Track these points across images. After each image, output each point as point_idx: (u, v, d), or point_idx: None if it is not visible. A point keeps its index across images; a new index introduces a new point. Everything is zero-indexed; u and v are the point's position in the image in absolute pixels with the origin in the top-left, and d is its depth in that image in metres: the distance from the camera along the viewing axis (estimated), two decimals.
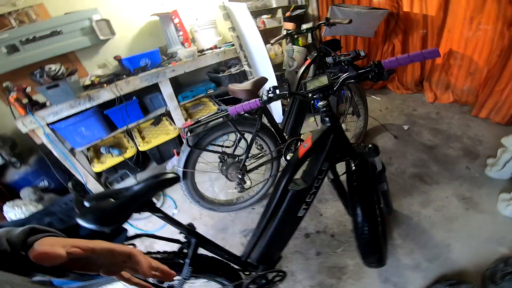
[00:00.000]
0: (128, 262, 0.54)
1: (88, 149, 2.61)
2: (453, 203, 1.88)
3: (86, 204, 0.76)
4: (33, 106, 2.07)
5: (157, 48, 2.60)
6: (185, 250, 0.98)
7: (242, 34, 2.71)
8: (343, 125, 2.31)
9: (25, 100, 2.08)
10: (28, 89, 2.08)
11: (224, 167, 1.89)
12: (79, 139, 2.33)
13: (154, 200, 2.12)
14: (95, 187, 2.50)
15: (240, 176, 1.80)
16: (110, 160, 2.50)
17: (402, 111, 3.07)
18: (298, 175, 1.13)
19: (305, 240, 1.82)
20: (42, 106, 2.16)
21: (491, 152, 2.14)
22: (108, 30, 2.44)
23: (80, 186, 2.53)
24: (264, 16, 3.24)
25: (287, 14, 3.36)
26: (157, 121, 2.87)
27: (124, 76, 2.38)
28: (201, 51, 2.83)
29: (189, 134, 1.59)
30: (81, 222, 0.69)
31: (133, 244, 0.74)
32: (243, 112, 1.27)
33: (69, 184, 2.55)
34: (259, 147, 2.12)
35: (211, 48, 2.87)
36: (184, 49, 2.68)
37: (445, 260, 1.55)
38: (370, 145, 1.17)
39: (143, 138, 2.71)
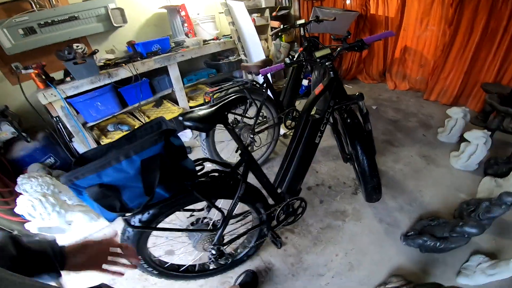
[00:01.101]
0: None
1: (91, 128, 2.56)
2: (417, 160, 2.28)
3: (180, 118, 1.00)
4: (52, 81, 2.12)
5: (167, 36, 2.72)
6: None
7: (240, 28, 2.91)
8: None
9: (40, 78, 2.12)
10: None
11: (237, 129, 2.14)
12: (94, 113, 2.35)
13: None
14: None
15: (252, 136, 2.10)
16: (119, 135, 2.55)
17: (370, 96, 3.49)
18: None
19: (308, 192, 2.08)
20: (60, 81, 2.20)
21: (441, 124, 2.58)
22: (121, 18, 2.49)
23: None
24: (254, 15, 3.45)
25: (274, 13, 3.63)
26: (158, 103, 2.95)
27: (138, 58, 2.47)
28: (204, 41, 3.00)
29: (213, 97, 1.87)
30: (187, 123, 0.94)
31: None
32: (271, 72, 1.59)
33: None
34: (262, 118, 2.42)
35: (213, 39, 3.03)
36: (190, 39, 2.82)
37: (420, 203, 1.89)
38: (357, 93, 1.55)
39: (148, 117, 2.76)
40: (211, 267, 1.50)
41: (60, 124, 2.33)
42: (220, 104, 1.02)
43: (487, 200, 1.61)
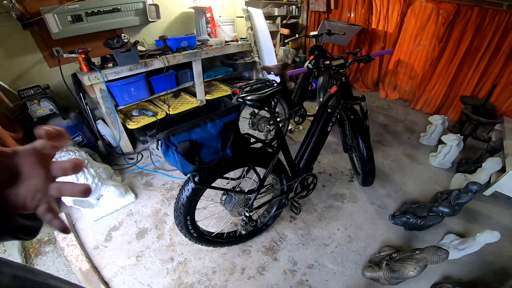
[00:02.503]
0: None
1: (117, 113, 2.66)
2: (402, 158, 2.65)
3: (240, 100, 1.26)
4: (95, 66, 2.27)
5: (194, 34, 2.91)
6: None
7: (257, 33, 3.17)
8: None
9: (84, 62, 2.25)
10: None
11: (256, 120, 2.43)
12: (127, 98, 2.53)
13: None
14: (125, 144, 2.69)
15: (268, 126, 2.37)
16: (144, 120, 2.67)
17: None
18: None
19: None
20: (100, 67, 2.34)
21: (423, 130, 2.96)
22: (155, 14, 2.67)
23: (109, 145, 2.66)
24: (267, 21, 3.74)
25: (284, 21, 3.93)
26: (176, 94, 3.12)
27: (169, 52, 2.66)
28: (225, 42, 3.19)
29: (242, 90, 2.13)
30: (248, 102, 1.19)
31: None
32: (296, 74, 1.88)
33: (99, 143, 2.66)
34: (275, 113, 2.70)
35: (233, 40, 3.28)
36: (213, 38, 3.05)
37: (404, 191, 2.24)
38: (360, 95, 1.86)
39: (168, 105, 2.93)
40: (237, 234, 1.76)
41: (88, 106, 2.49)
42: (269, 91, 1.30)
43: (457, 189, 1.95)
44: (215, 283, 1.59)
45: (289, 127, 2.90)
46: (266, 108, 1.35)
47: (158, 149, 1.07)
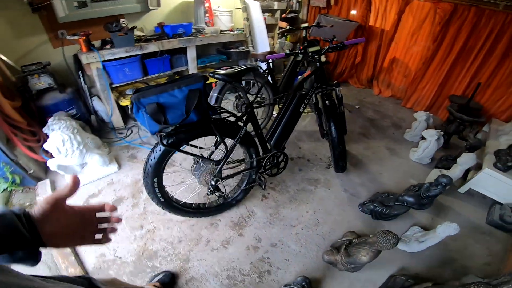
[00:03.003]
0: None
1: (112, 90, 2.70)
2: (383, 150, 2.68)
3: (211, 74, 1.35)
4: (94, 47, 2.43)
5: (191, 23, 3.02)
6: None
7: (252, 24, 3.25)
8: None
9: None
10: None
11: (239, 103, 2.50)
12: (121, 77, 2.66)
13: None
14: (117, 120, 2.82)
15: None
16: None
17: (356, 97, 3.87)
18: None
19: (291, 162, 2.44)
20: (99, 48, 2.49)
21: (410, 126, 2.95)
22: (156, 2, 2.80)
23: (102, 120, 2.81)
24: (266, 14, 3.76)
25: (284, 15, 3.95)
26: (171, 77, 3.21)
27: (165, 38, 2.79)
28: (220, 31, 3.28)
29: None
30: (217, 76, 1.28)
31: None
32: (274, 59, 1.96)
33: (92, 117, 2.78)
34: (260, 97, 2.75)
35: (228, 30, 3.36)
36: (209, 27, 3.16)
37: (379, 182, 2.28)
38: (335, 81, 1.90)
39: None
40: (206, 206, 1.84)
41: (86, 84, 2.63)
42: (239, 68, 1.39)
43: (429, 182, 1.96)
44: (178, 252, 1.67)
45: (275, 113, 2.95)
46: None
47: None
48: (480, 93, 2.98)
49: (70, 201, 0.55)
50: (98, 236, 0.61)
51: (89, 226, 0.59)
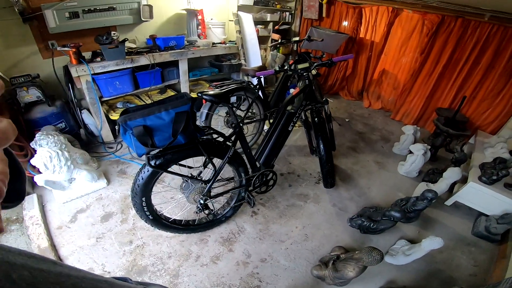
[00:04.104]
0: None
1: (102, 104, 2.73)
2: (371, 165, 2.74)
3: (199, 94, 1.38)
4: (84, 59, 2.42)
5: (183, 35, 3.05)
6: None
7: (245, 37, 3.33)
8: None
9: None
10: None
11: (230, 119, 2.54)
12: (111, 90, 2.67)
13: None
14: (106, 134, 2.82)
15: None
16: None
17: (346, 110, 3.96)
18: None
19: (280, 177, 2.47)
20: (89, 60, 2.50)
21: (398, 139, 3.03)
22: (148, 14, 2.81)
23: (91, 134, 2.78)
24: (259, 26, 3.88)
25: (276, 27, 4.06)
26: (163, 90, 3.25)
27: (156, 50, 2.82)
28: (212, 44, 3.35)
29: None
30: (205, 97, 1.32)
31: None
32: (264, 76, 2.01)
33: (81, 131, 2.76)
34: (251, 113, 2.81)
35: (220, 43, 3.42)
36: (202, 40, 3.21)
37: (368, 196, 2.34)
38: (324, 98, 1.95)
39: (152, 101, 3.08)
40: (196, 223, 1.86)
41: (75, 96, 2.63)
42: (227, 88, 1.42)
43: (415, 197, 2.02)
44: (168, 267, 1.69)
45: (266, 128, 2.99)
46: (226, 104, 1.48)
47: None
48: (466, 105, 3.10)
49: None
50: None
51: None
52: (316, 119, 2.00)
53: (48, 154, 1.95)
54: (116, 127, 2.69)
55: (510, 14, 2.68)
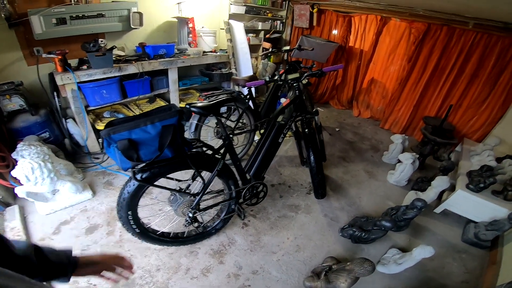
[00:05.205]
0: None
1: (88, 113, 2.68)
2: (362, 174, 2.78)
3: (188, 106, 1.36)
4: (70, 67, 2.37)
5: (173, 43, 3.05)
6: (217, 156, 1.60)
7: (235, 45, 3.35)
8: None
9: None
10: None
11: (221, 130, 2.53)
12: (98, 99, 2.62)
13: None
14: (92, 144, 2.75)
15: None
16: None
17: (336, 119, 4.02)
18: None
19: (271, 188, 2.48)
20: (75, 68, 2.45)
21: (387, 148, 3.10)
22: (138, 21, 2.79)
23: (76, 144, 2.71)
24: (250, 34, 3.93)
25: (267, 35, 4.12)
26: (152, 100, 3.21)
27: (146, 59, 2.79)
28: (203, 52, 3.34)
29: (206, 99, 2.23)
30: (193, 109, 1.31)
31: None
32: (254, 86, 2.01)
33: (66, 141, 2.69)
34: (242, 123, 2.80)
35: (211, 51, 3.43)
36: (192, 48, 3.20)
37: (358, 206, 2.36)
38: (314, 109, 1.97)
39: (141, 110, 3.00)
40: (185, 235, 1.82)
41: (60, 105, 2.57)
42: (216, 100, 1.41)
43: (405, 205, 2.05)
44: (157, 280, 1.65)
45: (256, 138, 3.00)
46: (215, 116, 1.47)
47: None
48: (452, 114, 3.18)
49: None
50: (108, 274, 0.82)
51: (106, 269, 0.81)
52: (306, 130, 2.01)
53: (29, 166, 1.89)
54: (100, 140, 2.69)
55: (493, 21, 2.79)
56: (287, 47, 2.85)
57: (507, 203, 2.05)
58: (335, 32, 4.09)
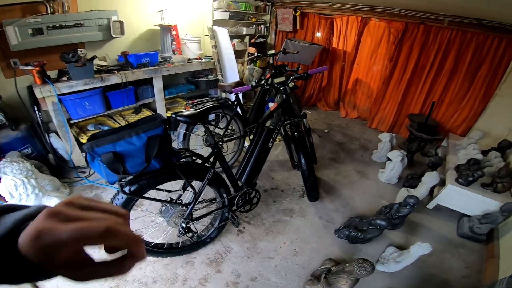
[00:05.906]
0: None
1: (71, 126, 2.62)
2: (353, 174, 2.80)
3: (173, 115, 1.34)
4: (49, 79, 2.28)
5: (157, 51, 3.00)
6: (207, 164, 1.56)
7: (221, 51, 3.33)
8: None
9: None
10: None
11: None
12: (81, 112, 2.53)
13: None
14: (77, 158, 2.66)
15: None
16: None
17: (325, 121, 4.06)
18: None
19: (264, 194, 2.45)
20: (55, 80, 2.37)
21: (376, 147, 3.13)
22: (119, 30, 2.72)
23: (61, 159, 2.63)
24: (235, 40, 3.93)
25: (252, 40, 4.13)
26: (138, 110, 3.15)
27: (129, 68, 2.72)
28: (188, 60, 3.29)
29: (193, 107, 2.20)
30: (179, 118, 1.28)
31: None
32: (241, 92, 1.99)
33: (50, 156, 2.60)
34: (230, 130, 2.78)
35: (196, 58, 3.39)
36: (177, 56, 3.15)
37: (352, 206, 2.37)
38: (302, 112, 1.98)
39: (127, 121, 2.94)
40: (179, 245, 1.77)
41: (41, 119, 2.48)
42: (203, 108, 1.38)
43: (398, 203, 2.07)
44: None
45: (246, 144, 2.98)
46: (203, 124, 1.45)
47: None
48: (436, 110, 3.27)
49: None
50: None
51: None
52: (296, 133, 2.01)
53: (12, 183, 1.85)
54: (83, 155, 2.61)
55: (466, 18, 2.89)
56: (273, 51, 2.86)
57: (498, 195, 2.09)
58: (318, 34, 4.14)
